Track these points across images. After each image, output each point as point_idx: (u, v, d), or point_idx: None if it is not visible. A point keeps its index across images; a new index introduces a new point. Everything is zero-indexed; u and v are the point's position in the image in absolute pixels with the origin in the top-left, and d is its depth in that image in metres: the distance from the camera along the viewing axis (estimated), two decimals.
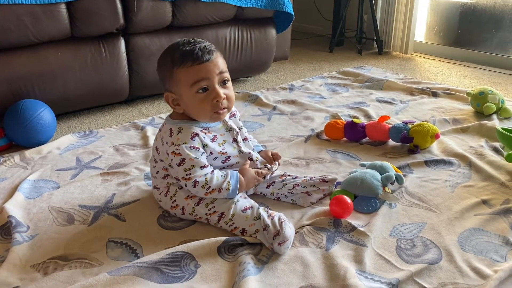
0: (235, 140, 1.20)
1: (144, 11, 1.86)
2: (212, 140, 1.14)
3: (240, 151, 1.20)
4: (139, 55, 1.95)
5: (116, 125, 1.82)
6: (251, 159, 1.22)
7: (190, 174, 1.08)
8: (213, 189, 1.09)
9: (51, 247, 1.06)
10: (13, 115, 1.56)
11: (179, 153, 1.08)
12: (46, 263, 1.01)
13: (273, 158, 1.28)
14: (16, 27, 1.59)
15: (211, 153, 1.13)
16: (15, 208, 1.20)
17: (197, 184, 1.08)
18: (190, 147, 1.08)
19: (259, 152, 1.28)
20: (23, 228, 1.12)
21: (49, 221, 1.17)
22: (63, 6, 1.67)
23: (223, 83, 1.11)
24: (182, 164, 1.08)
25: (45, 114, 1.61)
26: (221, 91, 1.09)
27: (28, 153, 1.54)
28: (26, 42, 1.66)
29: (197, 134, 1.10)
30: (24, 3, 1.58)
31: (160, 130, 1.17)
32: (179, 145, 1.08)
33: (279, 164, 1.29)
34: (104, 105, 2.03)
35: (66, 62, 1.76)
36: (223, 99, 1.10)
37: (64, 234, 1.11)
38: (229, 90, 1.13)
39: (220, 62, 1.10)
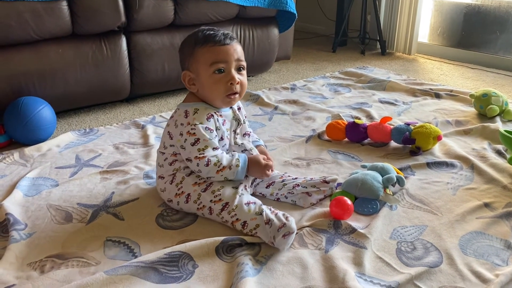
0: (235, 131, 1.23)
1: (146, 9, 1.85)
2: (223, 124, 1.18)
3: (236, 143, 1.22)
4: (140, 53, 1.94)
5: (117, 123, 1.81)
6: (245, 150, 1.24)
7: (204, 153, 1.11)
8: (224, 166, 1.12)
9: (48, 245, 1.05)
10: (13, 112, 1.55)
11: (194, 133, 1.11)
12: (43, 262, 1.00)
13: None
14: (17, 24, 1.59)
15: (222, 138, 1.17)
16: (13, 206, 1.19)
17: (210, 163, 1.10)
18: (206, 127, 1.12)
19: (256, 147, 1.29)
20: (20, 225, 1.12)
21: (47, 219, 1.16)
22: (64, 3, 1.67)
23: (238, 69, 1.16)
24: (196, 144, 1.11)
25: (45, 111, 1.60)
26: (236, 75, 1.14)
27: (28, 150, 1.54)
28: (27, 39, 1.65)
29: (212, 116, 1.15)
30: (25, 0, 1.58)
31: (172, 116, 1.19)
32: (195, 124, 1.12)
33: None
34: (105, 103, 2.02)
35: (67, 59, 1.75)
36: (237, 83, 1.14)
37: (62, 232, 1.11)
38: (243, 77, 1.18)
39: (238, 50, 1.16)
